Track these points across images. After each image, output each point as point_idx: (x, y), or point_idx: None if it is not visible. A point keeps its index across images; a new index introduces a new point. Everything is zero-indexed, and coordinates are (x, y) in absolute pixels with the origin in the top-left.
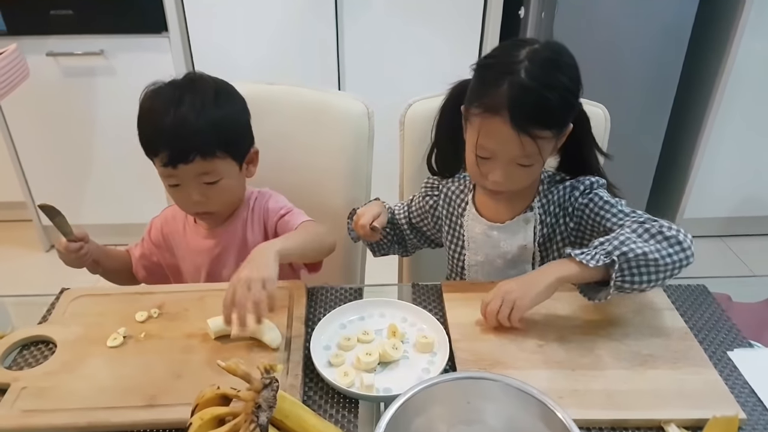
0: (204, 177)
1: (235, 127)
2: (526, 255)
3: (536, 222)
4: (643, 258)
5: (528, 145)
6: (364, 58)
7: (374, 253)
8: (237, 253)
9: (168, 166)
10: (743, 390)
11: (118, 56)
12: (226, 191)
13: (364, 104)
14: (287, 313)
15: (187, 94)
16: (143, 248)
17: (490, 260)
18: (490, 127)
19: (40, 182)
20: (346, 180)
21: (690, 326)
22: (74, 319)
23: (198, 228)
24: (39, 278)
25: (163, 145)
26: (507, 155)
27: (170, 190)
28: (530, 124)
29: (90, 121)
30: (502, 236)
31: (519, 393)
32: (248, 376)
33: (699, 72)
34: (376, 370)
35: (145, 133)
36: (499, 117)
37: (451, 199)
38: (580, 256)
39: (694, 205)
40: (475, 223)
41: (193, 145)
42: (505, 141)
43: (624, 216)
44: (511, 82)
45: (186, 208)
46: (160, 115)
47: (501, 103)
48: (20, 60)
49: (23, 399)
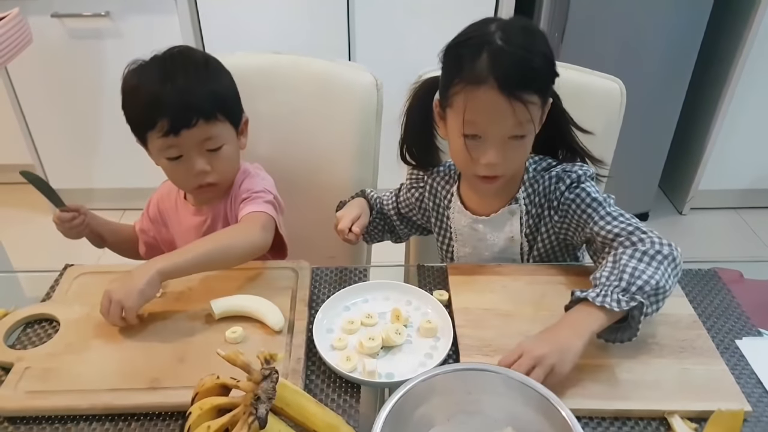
0: (207, 143)
1: (229, 92)
2: (514, 247)
3: (522, 213)
4: (655, 288)
5: (520, 111)
6: (375, 30)
7: (367, 242)
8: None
9: (169, 134)
10: (750, 380)
11: (124, 18)
12: (227, 159)
13: (372, 76)
14: (290, 294)
15: (179, 64)
16: (142, 224)
17: (478, 252)
18: (477, 100)
19: (48, 145)
20: (353, 155)
21: (699, 313)
22: (78, 297)
23: (187, 205)
24: (48, 241)
25: (163, 113)
26: (498, 129)
27: (170, 166)
28: (518, 88)
29: (97, 84)
30: (488, 229)
31: (521, 386)
32: (248, 367)
33: (719, 43)
34: (378, 355)
35: (138, 107)
36: (485, 86)
37: (437, 191)
38: (600, 300)
39: (710, 177)
40: (460, 216)
41: (195, 108)
42: (496, 110)
43: (612, 220)
44: (490, 50)
45: (188, 182)
46: (154, 85)
47: (484, 72)
48: (23, 25)
49: (27, 380)
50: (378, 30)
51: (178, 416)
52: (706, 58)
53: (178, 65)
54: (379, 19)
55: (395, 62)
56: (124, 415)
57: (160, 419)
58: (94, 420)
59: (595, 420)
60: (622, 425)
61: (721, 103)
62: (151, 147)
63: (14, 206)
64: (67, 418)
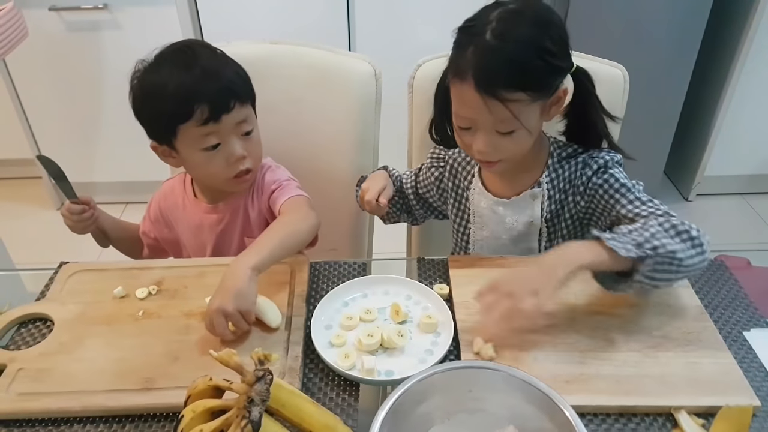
0: (242, 126)
1: (246, 76)
2: (533, 232)
3: (544, 198)
4: (671, 256)
5: (498, 110)
6: (375, 19)
7: (384, 221)
8: (241, 228)
9: (209, 121)
10: (758, 373)
11: (122, 10)
12: (257, 143)
13: (371, 65)
14: (288, 290)
15: (198, 52)
16: (144, 226)
17: (496, 236)
18: (461, 94)
19: (47, 139)
20: (352, 144)
21: (705, 304)
22: (72, 296)
23: (199, 203)
24: (48, 235)
25: (201, 100)
26: (482, 123)
27: (207, 157)
28: (497, 87)
29: (96, 77)
30: (508, 212)
31: (522, 383)
32: (241, 368)
33: (723, 26)
34: (377, 352)
35: (169, 102)
36: (466, 83)
37: (457, 171)
38: (611, 242)
39: (716, 163)
40: (480, 198)
41: (230, 91)
42: (475, 107)
43: (641, 204)
44: (476, 44)
45: (226, 171)
46: (184, 77)
47: (466, 68)
48: (18, 18)
49: (19, 381)
50: (378, 19)
51: (173, 417)
52: (711, 43)
53: (198, 54)
54: (378, 8)
55: (395, 52)
56: (118, 417)
57: (155, 420)
58: (88, 422)
59: (599, 416)
60: (628, 421)
61: (727, 87)
62: (182, 141)
63: (14, 201)
64: (60, 420)
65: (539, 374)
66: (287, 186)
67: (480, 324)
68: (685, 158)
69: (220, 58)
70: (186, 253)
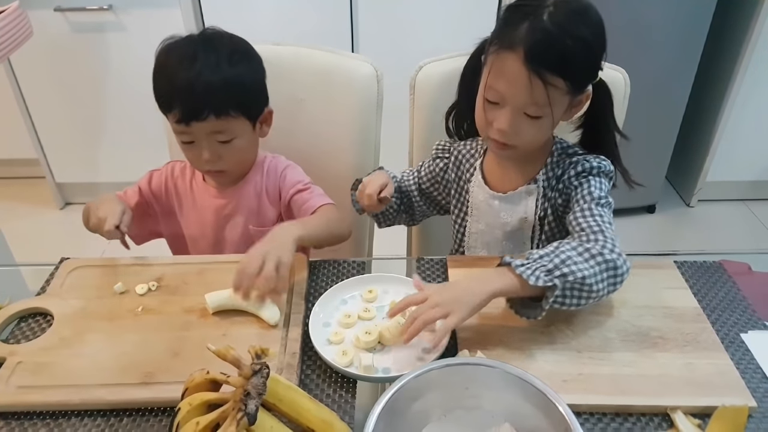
0: (217, 135)
1: (249, 86)
2: (526, 228)
3: (539, 195)
4: (580, 282)
5: (537, 89)
6: (378, 17)
7: (379, 224)
8: (247, 216)
9: (181, 123)
10: (755, 375)
11: (127, 11)
12: (238, 151)
13: (373, 66)
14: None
15: (202, 51)
16: (140, 197)
17: (491, 230)
18: (503, 64)
19: (52, 139)
20: (354, 144)
21: (703, 306)
22: (72, 291)
23: (207, 186)
24: (53, 235)
25: (177, 101)
26: (515, 99)
27: (183, 147)
28: (543, 66)
29: (100, 77)
30: (503, 206)
31: (518, 381)
32: (238, 362)
33: (726, 32)
34: (375, 349)
35: (160, 88)
36: (513, 54)
37: (461, 163)
38: (521, 269)
39: (718, 169)
40: (479, 190)
41: (207, 102)
42: (515, 81)
43: (589, 215)
44: (532, 22)
45: (198, 165)
46: (175, 71)
47: (517, 40)
48: (23, 18)
49: (18, 374)
50: (380, 22)
51: (171, 411)
52: (713, 48)
53: (200, 53)
54: (381, 11)
55: (396, 54)
56: (117, 411)
57: (153, 414)
58: (86, 415)
59: (596, 416)
60: (624, 421)
61: (729, 93)
62: (170, 124)
63: (18, 200)
64: (58, 413)
65: (537, 373)
66: (317, 190)
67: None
68: (686, 164)
69: (224, 64)
70: (183, 233)
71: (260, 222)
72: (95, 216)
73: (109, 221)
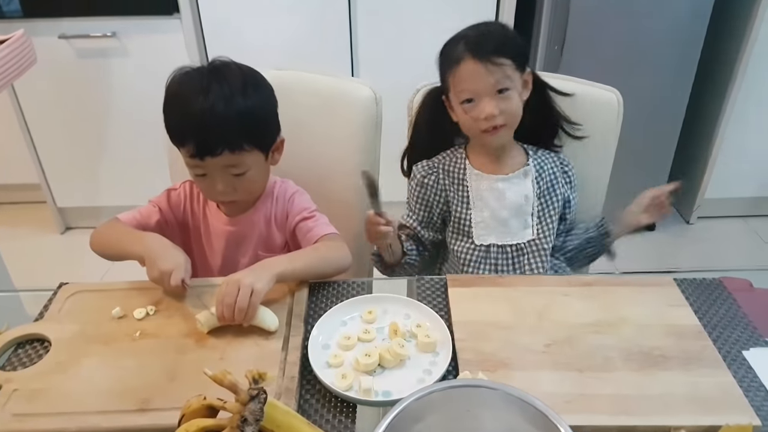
0: (231, 169)
1: (262, 118)
2: (528, 204)
3: (533, 176)
4: None
5: (495, 71)
6: (377, 41)
7: (393, 269)
8: (257, 242)
9: (195, 157)
10: (759, 393)
11: (130, 38)
12: (251, 182)
13: (371, 89)
14: (287, 309)
15: (215, 84)
16: (161, 215)
17: (496, 214)
18: (461, 72)
19: (54, 164)
20: (354, 165)
21: (704, 323)
22: (70, 316)
23: (219, 213)
24: (54, 259)
25: (190, 136)
26: (485, 87)
27: (196, 179)
28: (489, 53)
29: (103, 103)
30: (507, 185)
31: (520, 402)
32: (235, 387)
33: (720, 50)
34: (375, 372)
35: (172, 122)
36: (464, 62)
37: (449, 170)
38: None
39: (717, 186)
40: (480, 181)
41: (221, 138)
42: (477, 74)
43: None
44: (465, 37)
45: (211, 196)
46: (188, 105)
47: (461, 51)
48: (27, 45)
49: (14, 402)
50: (379, 47)
51: None
52: (708, 66)
53: (213, 86)
54: (379, 37)
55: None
56: None
57: None
58: None
59: None
60: None
61: (724, 110)
62: (182, 156)
63: (19, 225)
64: None
65: (539, 394)
66: (322, 219)
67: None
68: (685, 181)
69: (238, 97)
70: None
71: (269, 247)
72: (158, 269)
73: (176, 276)
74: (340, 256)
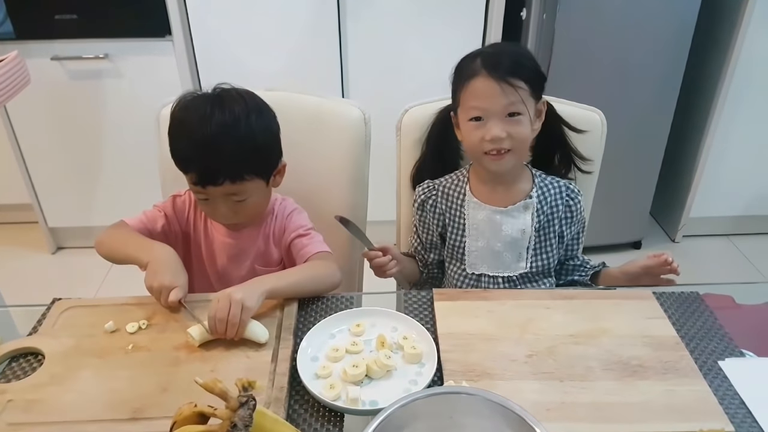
0: (233, 197)
1: (263, 145)
2: (524, 238)
3: (534, 209)
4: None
5: (509, 92)
6: (366, 63)
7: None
8: (255, 256)
9: (197, 185)
10: (733, 401)
11: (123, 60)
12: (252, 207)
13: (360, 110)
14: (277, 323)
15: (218, 111)
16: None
17: (491, 245)
18: (474, 88)
19: (46, 184)
20: (345, 183)
21: (682, 335)
22: (64, 331)
23: (219, 226)
24: (45, 280)
25: (194, 165)
26: (495, 106)
27: (199, 202)
28: (506, 74)
29: (95, 124)
30: (505, 219)
31: (499, 407)
32: (225, 394)
33: (704, 67)
34: (363, 383)
35: (177, 149)
36: (480, 76)
37: (448, 194)
38: None
39: (702, 205)
40: (477, 211)
41: (222, 168)
42: (490, 92)
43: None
44: (482, 54)
45: (214, 218)
46: (191, 132)
47: (477, 67)
48: (21, 67)
49: (9, 412)
50: (368, 68)
51: None
52: (692, 87)
53: (215, 116)
54: (369, 58)
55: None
56: None
57: None
58: None
59: None
60: None
61: (707, 130)
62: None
63: (10, 245)
64: None
65: (521, 402)
66: (316, 237)
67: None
68: (670, 200)
69: (241, 126)
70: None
71: (266, 262)
72: (159, 281)
73: (175, 294)
74: (329, 273)
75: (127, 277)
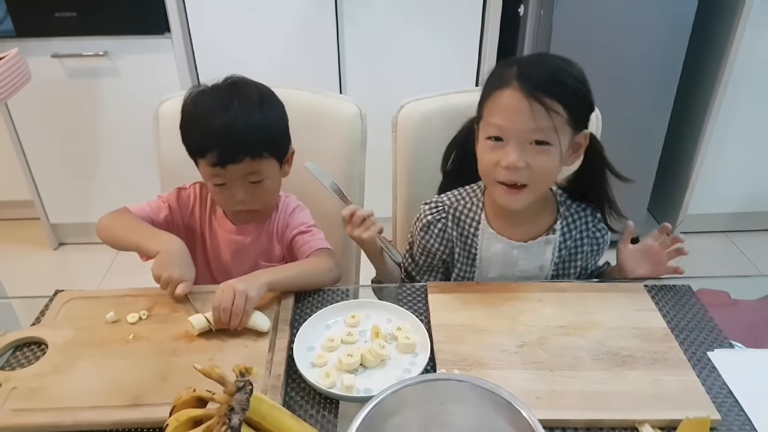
0: (250, 176)
1: (278, 129)
2: (541, 275)
3: (556, 244)
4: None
5: (540, 114)
6: (364, 60)
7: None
8: (259, 251)
9: (217, 166)
10: (721, 391)
11: (122, 57)
12: (268, 190)
13: (356, 106)
14: (274, 315)
15: (235, 99)
16: (169, 212)
17: (503, 276)
18: (500, 100)
19: (47, 181)
20: (341, 179)
21: (672, 327)
22: (66, 321)
23: (226, 222)
24: (47, 276)
25: (213, 146)
26: (519, 129)
27: (215, 189)
28: (540, 91)
29: (95, 121)
30: (522, 255)
31: (488, 393)
32: (222, 379)
33: (702, 64)
34: (357, 371)
35: (192, 136)
36: (510, 88)
37: (460, 219)
38: None
39: (699, 201)
40: (492, 242)
41: (243, 146)
42: (516, 110)
43: None
44: (520, 61)
45: (229, 206)
46: (210, 118)
47: (510, 76)
48: (21, 64)
49: (13, 399)
50: (365, 65)
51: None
52: (688, 86)
53: (232, 100)
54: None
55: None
56: None
57: None
58: None
59: (567, 430)
60: None
61: (705, 127)
62: (201, 169)
63: (12, 242)
64: None
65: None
66: (316, 234)
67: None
68: (668, 197)
69: (256, 108)
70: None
71: (269, 258)
72: (167, 272)
73: (183, 288)
74: (328, 269)
75: (129, 272)
